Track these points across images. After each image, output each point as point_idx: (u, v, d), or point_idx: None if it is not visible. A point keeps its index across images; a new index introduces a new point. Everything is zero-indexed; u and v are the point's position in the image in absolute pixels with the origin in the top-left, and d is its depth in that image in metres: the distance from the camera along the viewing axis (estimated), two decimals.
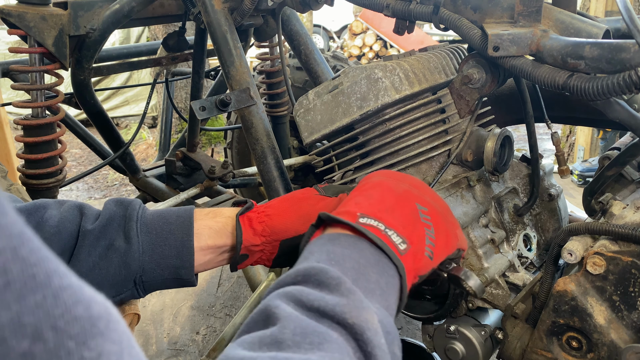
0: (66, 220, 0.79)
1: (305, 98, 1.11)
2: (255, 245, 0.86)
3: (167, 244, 0.82)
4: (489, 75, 0.99)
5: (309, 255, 0.63)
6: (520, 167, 1.17)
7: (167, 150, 2.49)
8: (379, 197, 0.72)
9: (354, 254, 0.62)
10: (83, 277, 0.77)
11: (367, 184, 0.77)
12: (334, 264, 0.60)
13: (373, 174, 0.81)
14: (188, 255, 0.83)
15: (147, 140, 5.17)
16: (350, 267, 0.60)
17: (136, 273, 0.81)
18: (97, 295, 0.30)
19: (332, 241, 0.65)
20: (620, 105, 0.86)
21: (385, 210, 0.70)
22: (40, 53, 1.48)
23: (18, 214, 0.30)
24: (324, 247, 0.63)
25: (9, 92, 5.14)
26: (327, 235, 0.67)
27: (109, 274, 0.79)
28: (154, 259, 0.81)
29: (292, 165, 2.14)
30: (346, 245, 0.64)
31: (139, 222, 0.82)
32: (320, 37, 9.78)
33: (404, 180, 0.78)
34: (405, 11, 1.06)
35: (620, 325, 0.81)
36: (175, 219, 0.85)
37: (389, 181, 0.77)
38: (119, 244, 0.80)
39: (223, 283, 2.59)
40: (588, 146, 4.09)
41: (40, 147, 1.52)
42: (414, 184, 0.78)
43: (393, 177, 0.79)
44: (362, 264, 0.62)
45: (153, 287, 0.84)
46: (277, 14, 1.58)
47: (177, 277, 0.84)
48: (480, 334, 1.01)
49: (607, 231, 0.81)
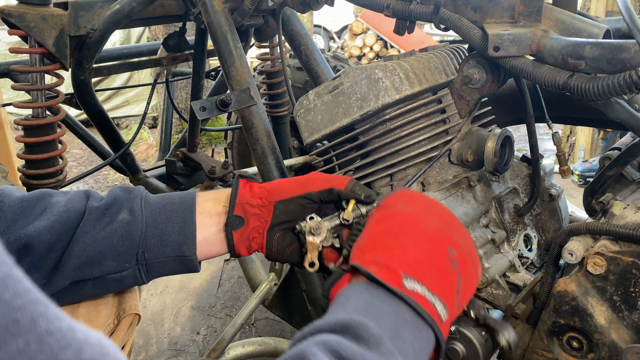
0: (74, 201, 0.82)
1: (306, 98, 1.11)
2: (251, 205, 0.86)
3: (170, 220, 0.84)
4: (490, 76, 0.99)
5: (345, 302, 0.61)
6: (521, 167, 1.17)
7: (168, 151, 2.49)
8: (415, 246, 0.68)
9: (392, 311, 0.61)
10: (87, 247, 0.78)
11: (395, 217, 0.73)
12: (372, 318, 0.58)
13: (397, 198, 0.77)
14: (190, 230, 0.84)
15: (148, 140, 5.17)
16: (388, 325, 0.59)
17: (139, 247, 0.81)
18: (91, 336, 0.29)
19: (371, 292, 0.63)
20: (620, 105, 0.86)
21: (425, 266, 0.67)
22: (41, 53, 1.48)
23: (6, 255, 0.28)
24: (361, 296, 0.62)
25: (9, 92, 5.14)
26: (365, 284, 0.64)
27: (112, 244, 0.80)
28: (157, 234, 0.83)
29: (293, 166, 2.14)
30: (385, 300, 0.62)
31: (143, 200, 0.84)
32: (320, 38, 9.78)
33: (431, 211, 0.75)
34: (406, 11, 1.06)
35: (621, 326, 0.81)
36: (179, 199, 0.87)
37: (419, 216, 0.73)
38: (122, 217, 0.81)
39: (223, 283, 2.59)
40: (588, 146, 4.09)
41: (40, 148, 1.52)
42: (443, 217, 0.75)
43: (420, 206, 0.76)
44: (400, 323, 0.60)
45: (155, 268, 0.84)
46: (278, 14, 1.58)
47: (180, 254, 0.84)
48: (480, 334, 1.01)
49: (608, 231, 0.81)
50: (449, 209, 0.79)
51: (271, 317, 2.28)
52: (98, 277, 0.82)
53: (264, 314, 2.31)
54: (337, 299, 0.65)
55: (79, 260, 0.78)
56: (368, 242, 0.71)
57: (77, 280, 0.81)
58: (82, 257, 0.78)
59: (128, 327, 0.91)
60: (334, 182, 0.88)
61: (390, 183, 1.10)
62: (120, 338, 0.89)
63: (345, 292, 0.65)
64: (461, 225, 0.77)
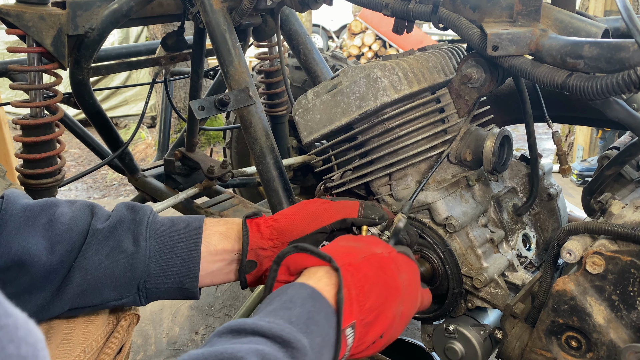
0: (77, 219, 0.80)
1: (304, 98, 1.11)
2: (263, 249, 0.86)
3: (174, 251, 0.82)
4: (488, 75, 0.99)
5: (291, 306, 0.66)
6: (520, 166, 1.17)
7: (166, 150, 2.49)
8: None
9: (327, 326, 0.68)
10: (89, 274, 0.77)
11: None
12: (309, 334, 0.64)
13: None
14: (194, 265, 0.83)
15: (146, 140, 5.16)
16: (316, 342, 0.65)
17: (141, 278, 0.81)
18: (29, 336, 0.32)
19: (314, 304, 0.68)
20: (619, 104, 0.86)
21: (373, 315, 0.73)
22: (39, 53, 1.48)
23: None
24: (305, 307, 0.67)
25: (7, 91, 5.13)
26: (310, 292, 0.69)
27: (114, 275, 0.79)
28: (159, 265, 0.81)
29: (291, 165, 2.14)
30: (325, 316, 0.68)
31: (149, 227, 0.82)
32: (319, 37, 9.77)
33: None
34: (404, 10, 1.06)
35: (620, 325, 0.81)
36: (185, 227, 0.85)
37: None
38: (126, 245, 0.80)
39: None
40: (587, 146, 4.09)
41: (38, 147, 1.52)
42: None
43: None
44: (324, 343, 0.67)
45: (155, 295, 0.84)
46: (276, 13, 1.58)
47: (181, 286, 0.83)
48: (479, 334, 1.01)
49: (606, 231, 0.81)
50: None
51: None
52: (97, 305, 0.81)
53: None
54: (280, 295, 0.67)
55: (79, 288, 0.77)
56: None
57: (76, 307, 0.80)
58: (82, 285, 0.77)
59: (127, 327, 0.91)
60: (345, 212, 0.89)
61: (388, 182, 1.10)
62: (119, 338, 0.89)
63: (290, 292, 0.68)
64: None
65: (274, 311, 0.64)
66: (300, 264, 0.74)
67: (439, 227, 1.01)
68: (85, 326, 0.84)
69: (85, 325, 0.84)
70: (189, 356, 0.55)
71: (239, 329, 0.61)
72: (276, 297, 0.68)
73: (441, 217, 1.00)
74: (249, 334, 0.60)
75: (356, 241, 0.81)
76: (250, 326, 0.60)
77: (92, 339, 0.84)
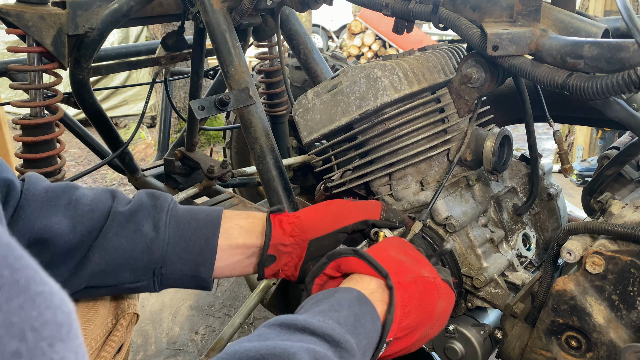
0: (99, 201, 0.81)
1: (305, 97, 1.11)
2: (284, 245, 0.87)
3: (192, 239, 0.83)
4: (488, 75, 0.99)
5: (339, 308, 0.68)
6: (520, 166, 1.17)
7: (166, 150, 2.49)
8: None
9: (372, 328, 0.72)
10: (108, 255, 0.78)
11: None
12: (356, 336, 0.67)
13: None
14: (210, 254, 0.84)
15: (146, 139, 5.15)
16: (364, 345, 0.68)
17: (157, 263, 0.82)
18: (64, 305, 0.33)
19: (361, 307, 0.72)
20: (619, 104, 0.86)
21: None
22: (39, 52, 1.47)
23: (3, 226, 0.32)
24: (353, 310, 0.69)
25: (7, 91, 5.13)
26: (357, 295, 0.72)
27: (132, 257, 0.80)
28: (177, 251, 0.82)
29: (291, 165, 2.14)
30: (370, 319, 0.71)
31: (169, 214, 0.84)
32: (319, 37, 9.77)
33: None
34: (404, 10, 1.05)
35: (620, 325, 0.81)
36: (204, 217, 0.86)
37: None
38: (146, 230, 0.81)
39: (222, 283, 2.59)
40: (587, 146, 4.09)
41: (38, 147, 1.52)
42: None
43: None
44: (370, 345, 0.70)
45: (170, 282, 0.84)
46: (276, 13, 1.58)
47: (196, 274, 0.84)
48: (479, 334, 1.01)
49: (606, 230, 0.81)
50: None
51: (270, 316, 2.28)
52: (113, 285, 0.82)
53: (263, 314, 2.30)
54: (328, 298, 0.69)
55: (97, 267, 0.78)
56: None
57: (92, 286, 0.81)
58: (100, 265, 0.78)
59: (126, 326, 0.91)
60: (368, 213, 0.90)
61: (388, 182, 1.10)
62: (118, 337, 0.89)
63: (337, 296, 0.69)
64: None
65: (322, 312, 0.66)
66: (353, 267, 0.77)
67: (439, 227, 1.01)
68: (85, 325, 0.84)
69: (85, 324, 0.84)
70: (240, 347, 0.56)
71: (289, 324, 0.62)
72: (324, 299, 0.70)
73: (441, 217, 1.00)
74: (299, 331, 0.61)
75: (405, 254, 0.83)
76: (302, 323, 0.62)
77: (92, 338, 0.84)
